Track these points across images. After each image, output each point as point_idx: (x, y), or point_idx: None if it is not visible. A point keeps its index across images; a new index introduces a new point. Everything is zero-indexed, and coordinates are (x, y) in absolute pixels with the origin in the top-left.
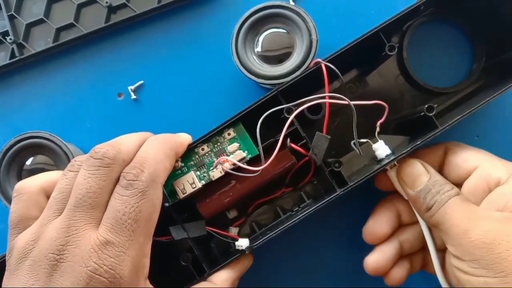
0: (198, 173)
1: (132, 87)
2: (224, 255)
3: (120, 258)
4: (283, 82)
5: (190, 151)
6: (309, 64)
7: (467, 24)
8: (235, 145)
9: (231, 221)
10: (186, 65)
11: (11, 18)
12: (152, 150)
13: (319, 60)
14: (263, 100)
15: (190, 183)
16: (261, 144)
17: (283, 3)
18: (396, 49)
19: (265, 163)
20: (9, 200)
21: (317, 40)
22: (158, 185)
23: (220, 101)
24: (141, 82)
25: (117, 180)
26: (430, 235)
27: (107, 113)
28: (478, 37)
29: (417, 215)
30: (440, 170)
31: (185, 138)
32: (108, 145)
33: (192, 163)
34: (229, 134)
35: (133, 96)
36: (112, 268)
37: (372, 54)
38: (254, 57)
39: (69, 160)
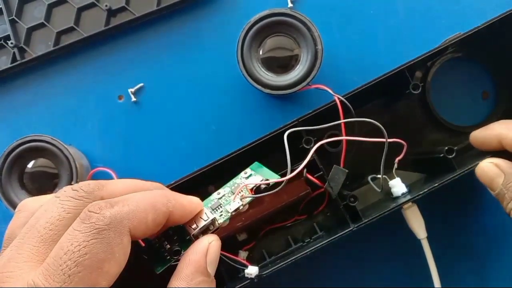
0: (215, 216)
1: (132, 90)
2: (232, 279)
3: None
4: (289, 93)
5: (206, 203)
6: (315, 74)
7: (492, 64)
8: (255, 178)
9: (240, 244)
10: (186, 67)
11: (12, 22)
12: (140, 195)
13: (335, 94)
14: (283, 129)
15: (205, 219)
16: (279, 172)
17: (288, 11)
18: (420, 88)
19: (288, 175)
20: (10, 203)
21: (322, 50)
22: (124, 229)
23: (221, 103)
24: (141, 84)
25: None
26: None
27: (107, 116)
28: (501, 78)
29: None
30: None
31: (190, 201)
32: (94, 181)
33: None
34: (245, 172)
35: (133, 99)
36: None
37: (394, 88)
38: (259, 65)
39: (69, 164)
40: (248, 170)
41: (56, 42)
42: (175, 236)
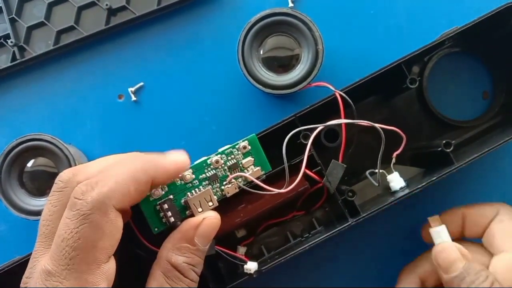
0: (210, 186)
1: (132, 89)
2: (231, 275)
3: None
4: (290, 92)
5: (202, 162)
6: (316, 74)
7: (489, 58)
8: (250, 159)
9: (239, 240)
10: (186, 67)
11: (12, 21)
12: (116, 169)
13: (336, 90)
14: (280, 125)
15: (208, 201)
16: (276, 168)
17: (289, 11)
18: (417, 83)
19: (287, 187)
20: (10, 202)
21: (323, 50)
22: (108, 208)
23: (221, 102)
24: (141, 84)
25: None
26: None
27: (107, 115)
28: (499, 73)
29: None
30: (462, 233)
31: (172, 161)
32: (70, 168)
33: (204, 176)
34: (244, 147)
35: (133, 98)
36: None
37: (391, 83)
38: (260, 64)
39: (69, 163)
40: (247, 145)
41: (56, 41)
42: (177, 208)
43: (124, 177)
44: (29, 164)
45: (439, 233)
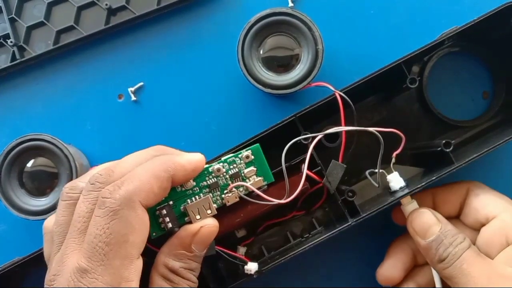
0: (210, 194)
1: (132, 89)
2: (231, 276)
3: (93, 285)
4: (290, 92)
5: (203, 170)
6: (316, 74)
7: (489, 58)
8: (252, 169)
9: (239, 240)
10: (186, 67)
11: (12, 21)
12: (141, 169)
13: (335, 90)
14: (280, 125)
15: (206, 208)
16: (275, 169)
17: (289, 10)
18: (417, 82)
19: (287, 197)
20: (10, 202)
21: (323, 50)
22: (136, 204)
23: (221, 102)
24: (141, 83)
25: None
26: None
27: (107, 115)
28: (498, 72)
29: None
30: (460, 210)
31: (189, 160)
32: (104, 168)
33: (205, 183)
34: (247, 157)
35: (133, 98)
36: None
37: (391, 82)
38: (260, 64)
39: (69, 163)
40: (250, 155)
41: (55, 41)
42: (175, 214)
43: (147, 176)
44: (29, 164)
45: (412, 206)
